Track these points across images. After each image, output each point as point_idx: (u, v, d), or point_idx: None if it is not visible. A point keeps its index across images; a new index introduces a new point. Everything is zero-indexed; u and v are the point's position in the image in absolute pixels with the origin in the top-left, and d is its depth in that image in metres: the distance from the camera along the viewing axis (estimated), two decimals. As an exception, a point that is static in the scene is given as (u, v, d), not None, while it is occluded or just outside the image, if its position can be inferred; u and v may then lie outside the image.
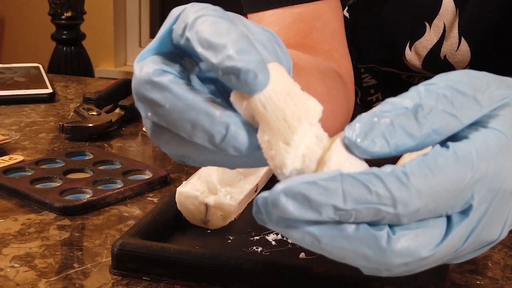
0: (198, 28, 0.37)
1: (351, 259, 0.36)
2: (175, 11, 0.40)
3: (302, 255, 0.56)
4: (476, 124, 0.38)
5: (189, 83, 0.39)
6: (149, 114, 0.39)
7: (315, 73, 0.70)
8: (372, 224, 0.35)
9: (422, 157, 0.35)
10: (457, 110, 0.37)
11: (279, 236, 0.59)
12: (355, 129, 0.36)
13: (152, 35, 3.27)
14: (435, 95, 0.37)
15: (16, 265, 0.56)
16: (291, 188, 0.34)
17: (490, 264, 0.57)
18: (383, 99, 0.81)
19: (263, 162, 0.38)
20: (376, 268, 0.36)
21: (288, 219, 0.35)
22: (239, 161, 0.41)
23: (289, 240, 0.59)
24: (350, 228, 0.35)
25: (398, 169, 0.35)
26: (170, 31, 0.40)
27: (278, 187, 0.35)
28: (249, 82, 0.36)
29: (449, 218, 0.36)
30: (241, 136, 0.37)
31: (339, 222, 0.35)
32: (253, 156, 0.39)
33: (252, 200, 0.66)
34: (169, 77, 0.38)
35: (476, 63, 0.84)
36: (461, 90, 0.37)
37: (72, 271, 0.55)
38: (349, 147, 0.36)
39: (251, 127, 0.37)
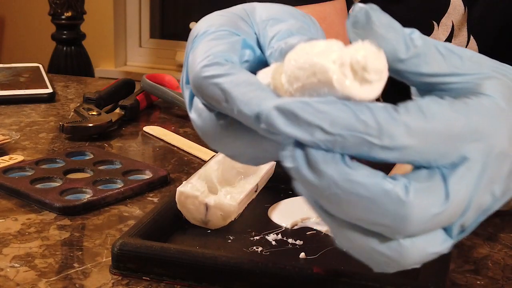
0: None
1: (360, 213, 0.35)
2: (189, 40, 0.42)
3: (302, 255, 0.56)
4: (467, 91, 0.38)
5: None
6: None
7: None
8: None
9: (417, 99, 0.35)
10: (447, 57, 0.38)
11: (279, 236, 0.59)
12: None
13: (152, 35, 3.27)
14: (432, 44, 0.38)
15: (16, 265, 0.56)
16: (284, 105, 0.34)
17: (490, 264, 0.57)
18: (384, 99, 0.81)
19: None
20: (389, 228, 0.35)
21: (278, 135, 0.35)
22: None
23: (289, 240, 0.59)
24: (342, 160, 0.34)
25: (390, 105, 0.35)
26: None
27: (270, 102, 0.35)
28: None
29: (444, 175, 0.36)
30: None
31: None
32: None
33: (252, 200, 0.67)
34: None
35: None
36: (451, 49, 0.38)
37: (72, 271, 0.55)
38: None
39: None
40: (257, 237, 0.59)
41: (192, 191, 0.60)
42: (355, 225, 0.35)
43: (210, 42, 0.40)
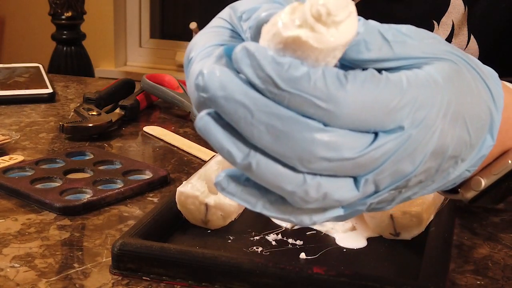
0: None
1: (272, 141, 0.36)
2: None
3: (302, 255, 0.56)
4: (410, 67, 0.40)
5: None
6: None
7: None
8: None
9: (358, 71, 0.37)
10: (392, 42, 0.39)
11: (279, 236, 0.59)
12: None
13: (152, 35, 3.27)
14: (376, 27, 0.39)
15: (16, 265, 0.56)
16: (256, 47, 0.36)
17: (490, 264, 0.57)
18: None
19: None
20: (297, 157, 0.36)
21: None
22: None
23: (289, 240, 0.59)
24: (285, 108, 0.36)
25: (341, 72, 0.36)
26: None
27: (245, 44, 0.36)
28: None
29: (376, 135, 0.38)
30: None
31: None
32: None
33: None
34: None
35: (483, 61, 0.85)
36: (404, 32, 0.40)
37: (72, 271, 0.55)
38: None
39: None
40: (257, 237, 0.59)
41: (192, 191, 0.60)
42: (267, 153, 0.37)
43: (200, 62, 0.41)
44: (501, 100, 0.44)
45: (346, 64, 0.38)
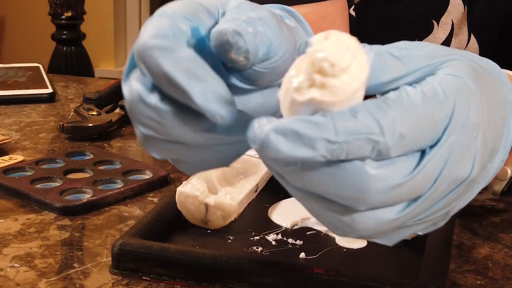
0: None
1: (333, 192, 0.36)
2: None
3: (302, 255, 0.56)
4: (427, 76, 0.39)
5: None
6: (143, 128, 0.40)
7: None
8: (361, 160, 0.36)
9: (391, 94, 0.36)
10: (402, 58, 0.39)
11: (279, 236, 0.59)
12: None
13: (152, 35, 3.27)
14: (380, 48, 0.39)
15: (16, 265, 0.56)
16: (281, 125, 0.34)
17: (490, 264, 0.57)
18: None
19: (245, 148, 0.40)
20: (354, 199, 0.36)
21: (280, 159, 0.35)
22: (224, 152, 0.41)
23: (289, 240, 0.59)
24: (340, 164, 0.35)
25: (376, 101, 0.36)
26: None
27: (266, 126, 0.35)
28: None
29: (422, 152, 0.37)
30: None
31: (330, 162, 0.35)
32: (236, 140, 0.40)
33: (252, 200, 0.67)
34: (158, 95, 0.38)
35: None
36: (405, 47, 0.39)
37: (72, 271, 0.55)
38: None
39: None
40: (257, 237, 0.59)
41: (192, 191, 0.60)
42: (317, 195, 0.37)
43: (162, 19, 0.39)
44: (509, 84, 0.44)
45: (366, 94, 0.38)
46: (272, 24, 0.40)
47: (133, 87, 0.39)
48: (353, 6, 0.91)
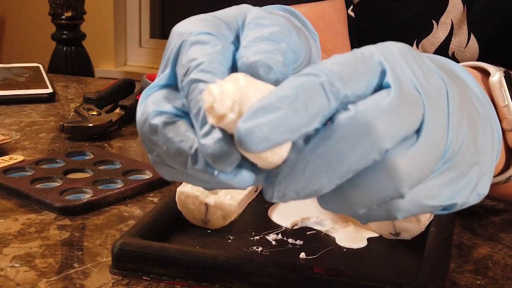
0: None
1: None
2: (175, 40, 0.40)
3: (302, 255, 0.56)
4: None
5: (186, 119, 0.38)
6: (152, 156, 0.40)
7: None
8: None
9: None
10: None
11: (279, 236, 0.59)
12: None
13: (152, 35, 3.27)
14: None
15: (16, 265, 0.56)
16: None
17: (490, 264, 0.57)
18: None
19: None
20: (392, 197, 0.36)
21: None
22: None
23: (289, 240, 0.59)
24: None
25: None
26: (174, 65, 0.40)
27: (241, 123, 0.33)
28: None
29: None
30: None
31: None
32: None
33: (252, 200, 0.67)
34: (163, 118, 0.38)
35: (483, 60, 0.85)
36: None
37: (72, 271, 0.55)
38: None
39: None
40: (257, 237, 0.59)
41: (192, 191, 0.60)
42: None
43: (198, 47, 0.38)
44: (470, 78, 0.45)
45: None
46: (291, 32, 0.40)
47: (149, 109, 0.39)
48: (351, 7, 0.91)
